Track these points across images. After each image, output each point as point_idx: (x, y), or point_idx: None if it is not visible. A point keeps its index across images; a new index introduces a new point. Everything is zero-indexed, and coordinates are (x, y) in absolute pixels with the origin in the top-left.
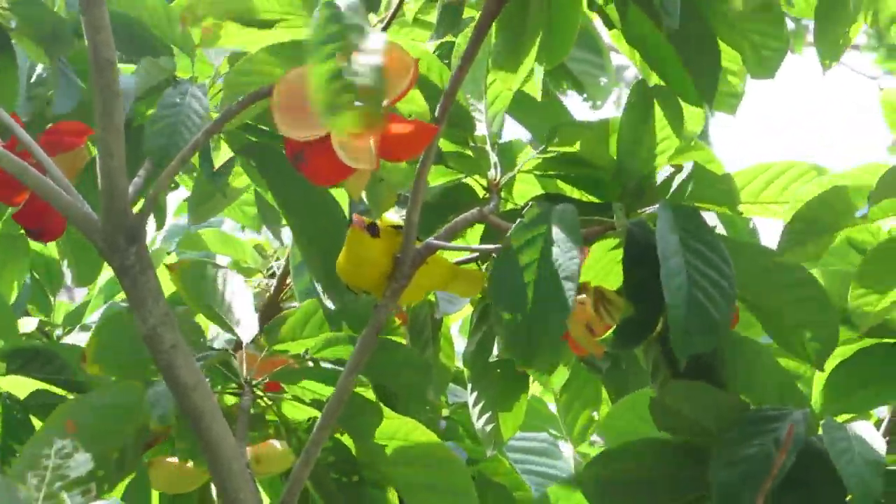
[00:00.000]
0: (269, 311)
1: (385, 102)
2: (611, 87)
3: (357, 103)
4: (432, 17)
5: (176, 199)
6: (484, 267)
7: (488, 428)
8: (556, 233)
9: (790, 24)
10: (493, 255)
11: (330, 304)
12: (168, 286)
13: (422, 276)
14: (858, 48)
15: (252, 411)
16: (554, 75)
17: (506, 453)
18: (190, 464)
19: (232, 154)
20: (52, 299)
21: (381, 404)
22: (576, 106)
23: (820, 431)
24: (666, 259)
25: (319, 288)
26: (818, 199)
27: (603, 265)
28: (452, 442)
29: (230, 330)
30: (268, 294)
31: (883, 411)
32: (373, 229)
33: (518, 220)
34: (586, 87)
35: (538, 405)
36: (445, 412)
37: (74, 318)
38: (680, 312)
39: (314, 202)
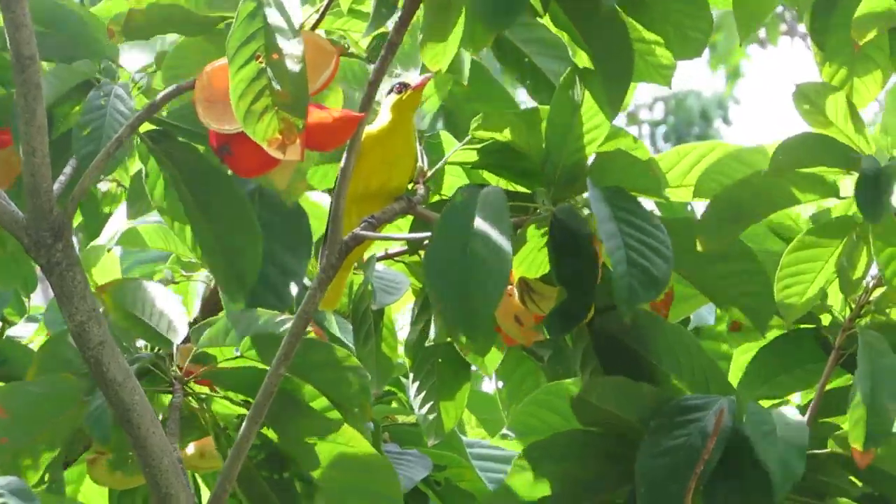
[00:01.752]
0: (210, 305)
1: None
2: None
3: (277, 109)
4: (368, 6)
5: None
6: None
7: (430, 417)
8: (484, 211)
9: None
10: (423, 243)
11: (236, 307)
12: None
13: None
14: None
15: (186, 412)
16: (511, 66)
17: (471, 460)
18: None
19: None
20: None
21: (310, 403)
22: None
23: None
24: (601, 223)
25: (225, 291)
26: (740, 184)
27: (528, 254)
28: (416, 449)
29: (163, 339)
30: (209, 288)
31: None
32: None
33: (447, 204)
34: (544, 71)
35: (482, 395)
36: (412, 419)
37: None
38: (622, 268)
39: (222, 201)
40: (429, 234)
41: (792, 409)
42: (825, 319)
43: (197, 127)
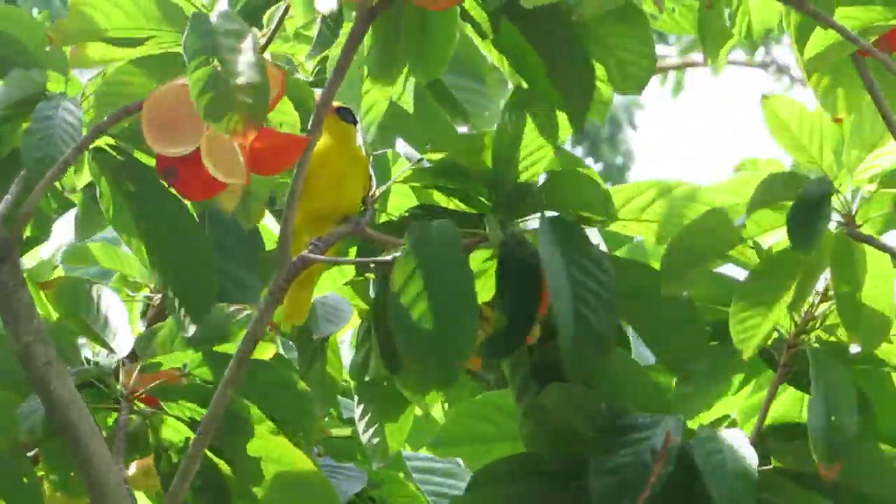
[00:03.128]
0: (155, 323)
1: None
2: (494, 118)
3: (240, 103)
4: (314, 31)
5: None
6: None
7: (375, 441)
8: (438, 253)
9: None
10: (370, 266)
11: (189, 331)
12: None
13: None
14: None
15: (132, 429)
16: (440, 102)
17: (411, 474)
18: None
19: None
20: None
21: (256, 424)
22: None
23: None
24: (552, 275)
25: (177, 312)
26: (697, 224)
27: (477, 278)
28: (352, 464)
29: (106, 346)
30: (154, 307)
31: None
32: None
33: (398, 253)
34: (471, 115)
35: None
36: (347, 432)
37: None
38: (569, 331)
39: (173, 222)
40: (378, 258)
41: (740, 434)
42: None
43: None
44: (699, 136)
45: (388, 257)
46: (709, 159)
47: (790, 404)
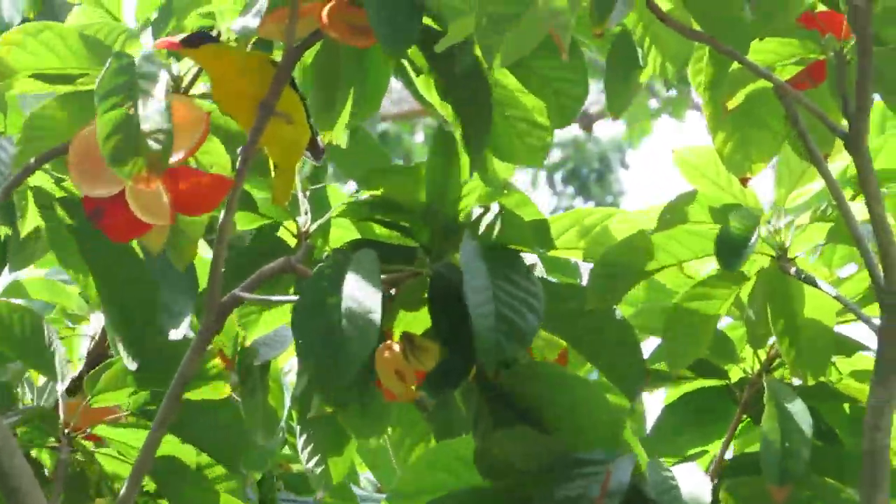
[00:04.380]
0: (96, 358)
1: (179, 156)
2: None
3: (144, 148)
4: None
5: None
6: None
7: (318, 470)
8: (354, 275)
9: (673, 92)
10: None
11: (131, 365)
12: None
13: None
14: None
15: (74, 468)
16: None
17: None
18: None
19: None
20: None
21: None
22: None
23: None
24: (470, 277)
25: (120, 347)
26: (620, 244)
27: (409, 310)
28: (311, 498)
29: (52, 377)
30: (94, 340)
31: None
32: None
33: (317, 267)
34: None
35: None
36: (297, 467)
37: None
38: (489, 322)
39: (116, 257)
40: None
41: (694, 466)
42: (735, 373)
43: None
44: None
45: None
46: None
47: (755, 441)
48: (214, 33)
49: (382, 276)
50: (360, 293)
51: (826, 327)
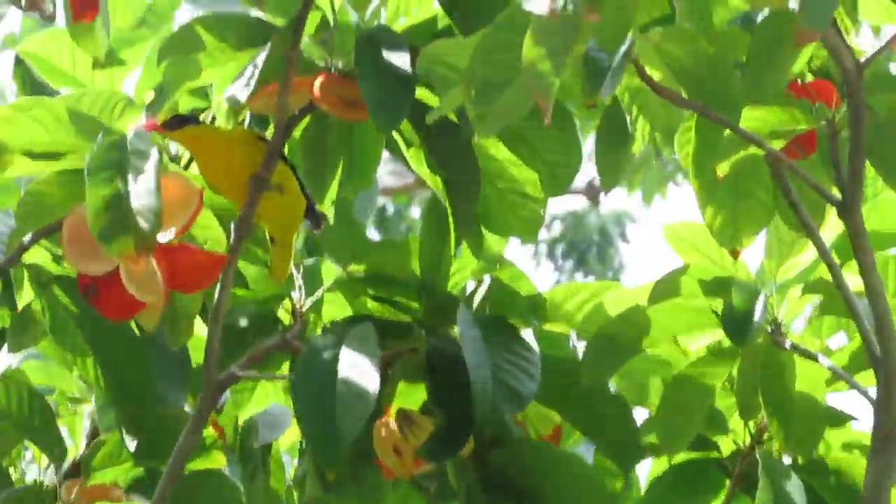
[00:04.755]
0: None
1: (172, 233)
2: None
3: (134, 226)
4: None
5: None
6: None
7: None
8: (351, 340)
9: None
10: None
11: (131, 445)
12: None
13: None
14: None
15: None
16: None
17: None
18: None
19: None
20: None
21: None
22: None
23: None
24: (468, 342)
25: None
26: (615, 319)
27: (407, 386)
28: None
29: (51, 456)
30: (95, 422)
31: None
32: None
33: (314, 339)
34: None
35: None
36: None
37: None
38: (487, 385)
39: (112, 334)
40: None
41: None
42: (726, 444)
43: None
44: None
45: None
46: None
47: None
48: (208, 112)
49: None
50: (356, 368)
51: (817, 401)
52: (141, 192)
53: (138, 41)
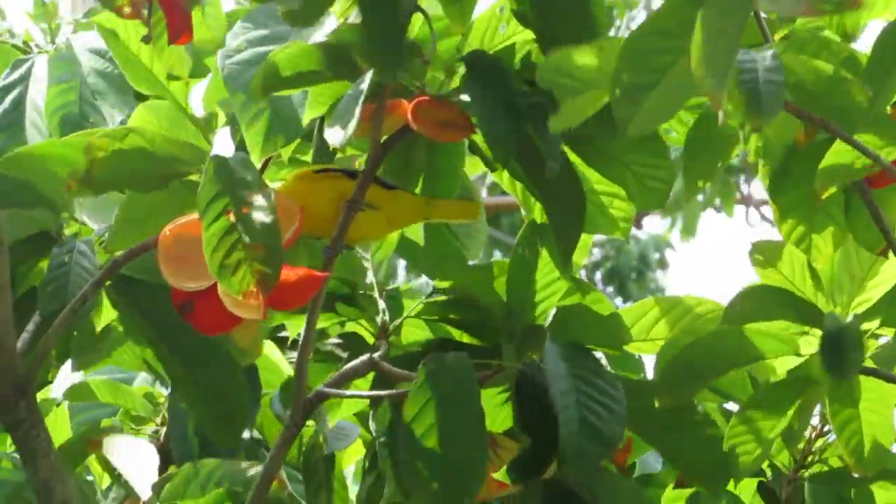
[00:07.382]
0: (161, 461)
1: None
2: (482, 242)
3: (250, 261)
4: (308, 156)
5: None
6: (373, 413)
7: None
8: (451, 387)
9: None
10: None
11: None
12: None
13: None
14: None
15: None
16: None
17: None
18: None
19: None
20: None
21: None
22: None
23: None
24: (556, 381)
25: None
26: (703, 340)
27: (492, 409)
28: None
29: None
30: (158, 442)
31: None
32: None
33: (413, 383)
34: (461, 237)
35: None
36: None
37: None
38: (573, 427)
39: (202, 347)
40: (391, 392)
41: None
42: (767, 471)
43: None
44: (730, 273)
45: (402, 391)
46: None
47: None
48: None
49: None
50: (461, 412)
51: (888, 424)
52: (259, 228)
53: (205, 55)
